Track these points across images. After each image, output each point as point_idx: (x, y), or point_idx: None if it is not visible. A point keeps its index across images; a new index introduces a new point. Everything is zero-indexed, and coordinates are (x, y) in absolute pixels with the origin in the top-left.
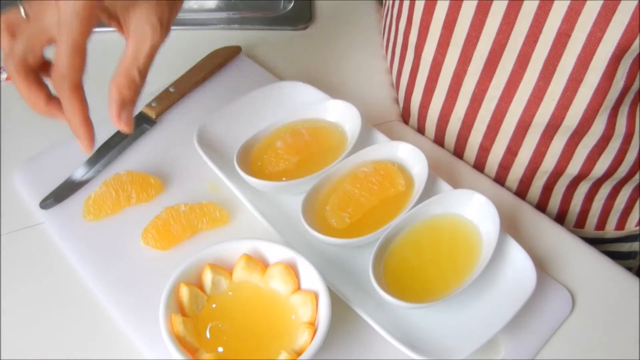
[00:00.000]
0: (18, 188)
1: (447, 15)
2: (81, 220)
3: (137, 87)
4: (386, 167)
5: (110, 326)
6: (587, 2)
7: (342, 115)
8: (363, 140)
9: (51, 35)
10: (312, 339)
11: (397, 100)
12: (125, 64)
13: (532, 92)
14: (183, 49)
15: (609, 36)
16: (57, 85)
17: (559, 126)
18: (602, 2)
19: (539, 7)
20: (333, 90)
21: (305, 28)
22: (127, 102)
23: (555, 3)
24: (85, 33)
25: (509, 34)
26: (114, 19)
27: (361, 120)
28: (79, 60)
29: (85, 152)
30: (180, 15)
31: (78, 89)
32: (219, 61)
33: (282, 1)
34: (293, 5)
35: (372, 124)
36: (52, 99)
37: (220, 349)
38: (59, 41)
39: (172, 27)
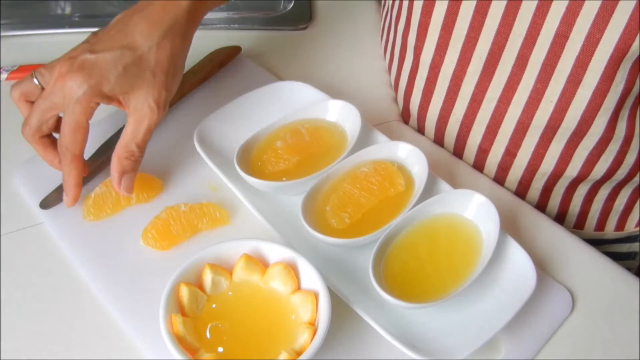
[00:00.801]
0: (18, 188)
1: (446, 16)
2: (81, 220)
3: (136, 159)
4: (386, 167)
5: (110, 326)
6: (585, 3)
7: (342, 115)
8: (363, 140)
9: (61, 109)
10: (312, 339)
11: (396, 100)
12: (126, 139)
13: (530, 94)
14: None
15: (607, 37)
16: (60, 154)
17: (557, 128)
18: (600, 3)
19: (537, 9)
20: (333, 90)
21: (305, 28)
22: (127, 172)
23: (553, 4)
24: (86, 115)
25: (508, 36)
26: (114, 100)
27: (361, 120)
28: (79, 136)
29: (66, 206)
30: None
31: (77, 159)
32: (219, 61)
33: (282, 1)
34: (293, 5)
35: (372, 124)
36: None
37: (220, 349)
38: (64, 119)
39: None
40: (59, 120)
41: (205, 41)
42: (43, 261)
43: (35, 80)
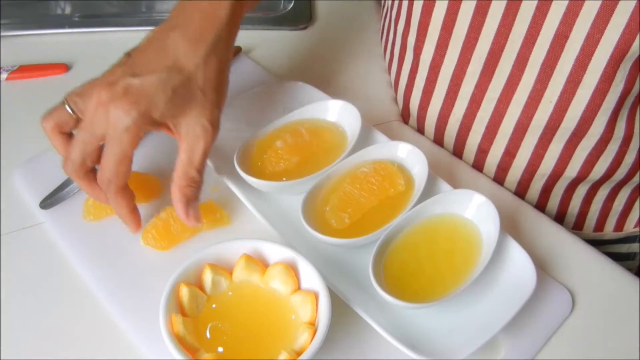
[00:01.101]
0: (18, 188)
1: (446, 16)
2: (81, 220)
3: (197, 185)
4: (386, 167)
5: (110, 326)
6: (585, 3)
7: (342, 115)
8: (363, 140)
9: (104, 140)
10: (312, 339)
11: (396, 100)
12: (182, 166)
13: (529, 94)
14: None
15: (607, 38)
16: (104, 187)
17: (557, 128)
18: (599, 3)
19: (537, 9)
20: (333, 90)
21: (305, 28)
22: (191, 200)
23: (553, 5)
24: (134, 145)
25: (508, 36)
26: (163, 126)
27: (361, 120)
28: (124, 168)
29: (133, 233)
30: None
31: (123, 191)
32: None
33: (282, 1)
34: (293, 5)
35: (372, 124)
36: None
37: (220, 349)
38: (107, 149)
39: None
40: (101, 150)
41: None
42: (43, 261)
43: (69, 109)
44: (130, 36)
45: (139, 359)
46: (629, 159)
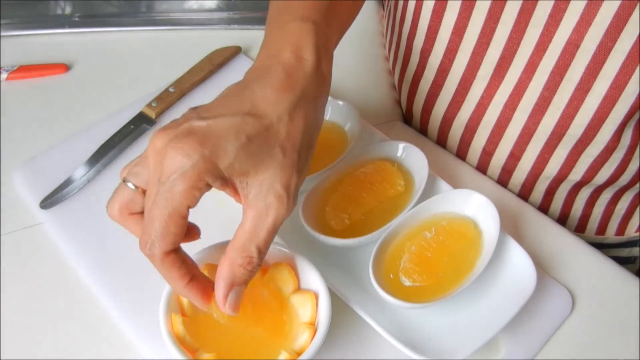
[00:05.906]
0: (18, 188)
1: (457, 21)
2: (81, 220)
3: (253, 267)
4: (386, 168)
5: (110, 326)
6: (600, 11)
7: (342, 115)
8: (363, 140)
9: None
10: (312, 339)
11: (397, 101)
12: (242, 239)
13: (537, 101)
14: (183, 49)
15: (620, 46)
16: (146, 255)
17: (563, 135)
18: (614, 12)
19: (550, 17)
20: (333, 90)
21: None
22: (238, 283)
23: (567, 13)
24: (189, 199)
25: (519, 42)
26: (229, 185)
27: (361, 120)
28: (173, 228)
29: (202, 308)
30: (180, 15)
31: (170, 257)
32: (218, 61)
33: None
34: None
35: (372, 124)
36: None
37: (220, 349)
38: (154, 203)
39: (172, 27)
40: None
41: (205, 41)
42: (43, 261)
43: (130, 185)
44: (130, 36)
45: (139, 359)
46: (633, 166)
